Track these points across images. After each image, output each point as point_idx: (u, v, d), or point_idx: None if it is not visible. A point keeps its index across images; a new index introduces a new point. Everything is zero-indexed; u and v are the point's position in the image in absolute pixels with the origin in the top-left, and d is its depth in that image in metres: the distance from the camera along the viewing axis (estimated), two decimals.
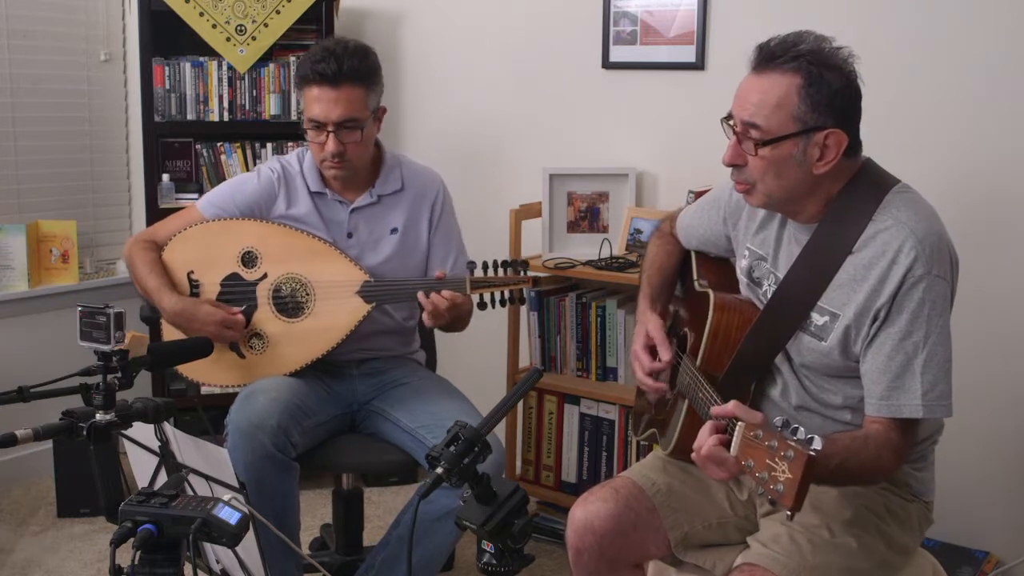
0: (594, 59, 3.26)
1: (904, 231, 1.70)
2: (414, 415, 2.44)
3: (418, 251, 2.60)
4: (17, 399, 1.72)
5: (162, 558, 1.34)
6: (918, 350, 1.68)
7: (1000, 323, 2.66)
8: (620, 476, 2.02)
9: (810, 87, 1.70)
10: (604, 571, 1.96)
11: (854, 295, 1.74)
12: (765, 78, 1.73)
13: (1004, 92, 2.62)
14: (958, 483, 2.59)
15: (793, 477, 1.40)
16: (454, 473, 1.51)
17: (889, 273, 1.70)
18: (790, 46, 1.73)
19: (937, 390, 1.69)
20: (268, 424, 2.28)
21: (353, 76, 2.38)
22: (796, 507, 1.41)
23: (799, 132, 1.71)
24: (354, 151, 2.44)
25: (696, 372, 1.88)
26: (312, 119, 2.41)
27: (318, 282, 2.47)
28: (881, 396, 1.70)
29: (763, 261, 1.93)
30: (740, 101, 1.77)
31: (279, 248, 2.48)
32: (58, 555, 3.10)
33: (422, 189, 2.61)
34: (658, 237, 2.28)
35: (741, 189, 1.82)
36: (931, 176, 2.06)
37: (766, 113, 1.71)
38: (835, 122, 1.71)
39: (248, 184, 2.57)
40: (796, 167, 1.73)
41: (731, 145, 1.79)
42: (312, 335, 2.47)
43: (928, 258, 1.68)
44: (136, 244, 2.54)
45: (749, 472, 1.48)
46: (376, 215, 2.57)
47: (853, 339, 1.75)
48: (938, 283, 1.69)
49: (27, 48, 3.62)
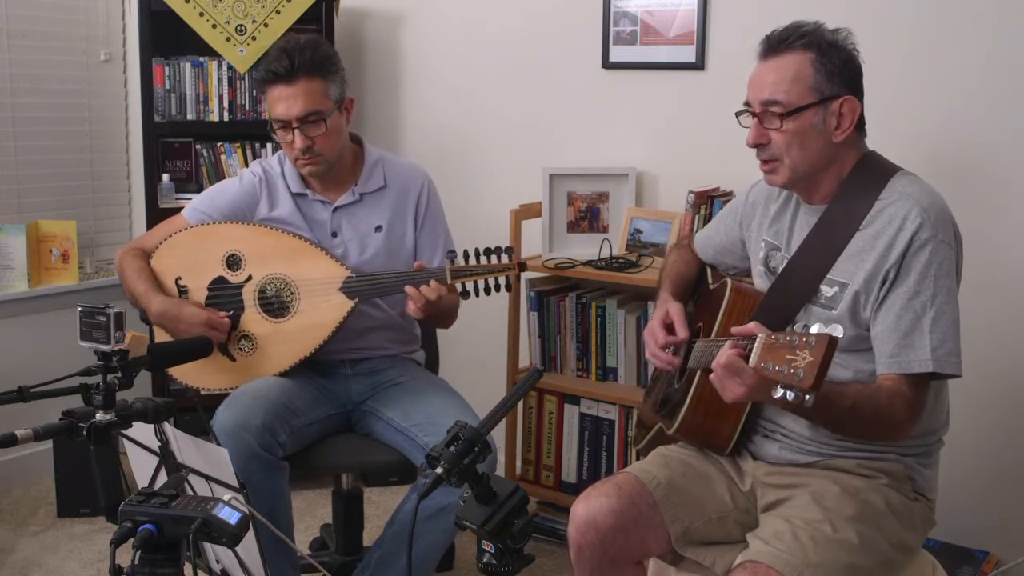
0: (594, 59, 3.26)
1: (909, 202, 1.80)
2: (407, 415, 2.44)
3: (404, 248, 2.60)
4: (17, 399, 1.72)
5: (162, 558, 1.33)
6: (926, 308, 1.75)
7: (1000, 322, 2.66)
8: (622, 472, 2.03)
9: (823, 58, 1.82)
10: (606, 568, 1.96)
11: (863, 264, 1.81)
12: (777, 60, 1.85)
13: (1000, 82, 2.62)
14: (959, 483, 2.59)
15: (814, 359, 1.45)
16: (454, 473, 1.51)
17: (896, 238, 1.78)
18: (795, 29, 1.85)
19: (946, 347, 1.75)
20: (253, 424, 2.29)
21: (306, 69, 2.40)
22: (816, 386, 1.45)
23: (818, 101, 1.82)
24: (323, 143, 2.45)
25: (711, 341, 1.94)
26: (276, 119, 2.44)
27: (301, 280, 2.47)
28: (891, 354, 1.76)
29: (777, 250, 2.00)
30: (756, 86, 1.87)
31: (261, 249, 2.49)
32: (58, 555, 3.10)
33: (405, 185, 2.62)
34: (677, 249, 2.39)
35: (767, 168, 1.90)
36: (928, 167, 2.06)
37: (785, 88, 1.82)
38: (848, 90, 1.84)
39: (230, 188, 2.60)
40: (818, 136, 1.84)
41: (753, 126, 1.88)
42: (299, 334, 2.47)
43: (933, 224, 1.77)
44: (126, 254, 2.57)
45: (768, 374, 1.51)
46: (359, 214, 2.57)
47: (863, 304, 1.81)
48: (943, 247, 1.77)
49: (27, 48, 3.62)
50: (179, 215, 2.61)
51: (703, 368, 1.91)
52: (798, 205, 1.98)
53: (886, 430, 1.78)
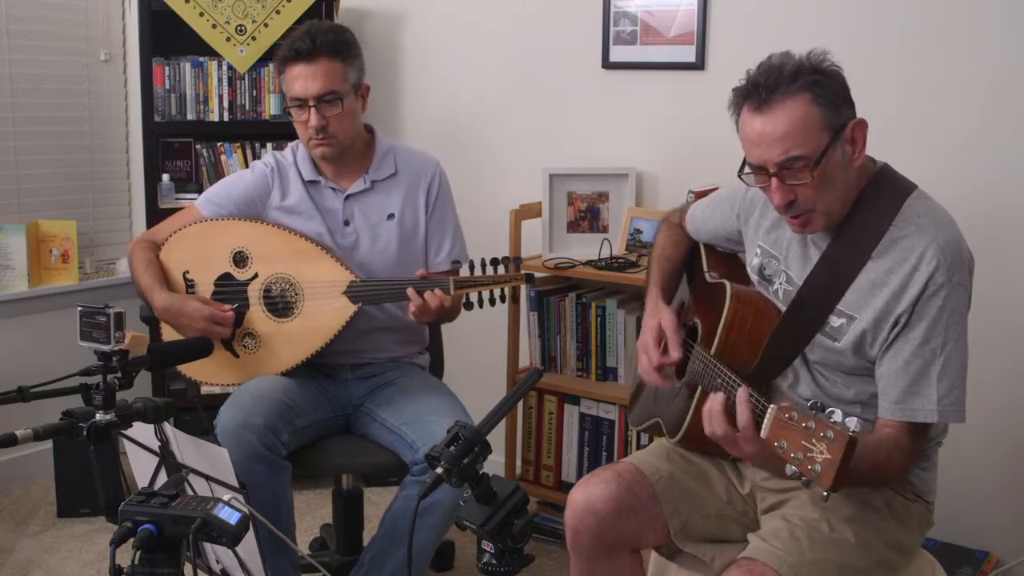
0: (594, 59, 3.26)
1: (926, 238, 1.72)
2: (399, 414, 2.44)
3: (417, 237, 2.59)
4: (17, 399, 1.72)
5: (162, 558, 1.33)
6: (936, 356, 1.70)
7: (1001, 322, 2.66)
8: (623, 461, 2.03)
9: (821, 93, 1.71)
10: (602, 554, 1.96)
11: (873, 299, 1.75)
12: (776, 112, 1.71)
13: (1005, 93, 2.62)
14: (958, 483, 2.59)
15: (833, 458, 1.41)
16: (454, 473, 1.51)
17: (911, 280, 1.71)
18: (778, 73, 1.72)
19: (952, 396, 1.71)
20: (255, 423, 2.28)
21: (328, 49, 2.42)
22: (835, 487, 1.42)
23: (834, 139, 1.72)
24: (337, 125, 2.45)
25: (711, 359, 1.88)
26: (293, 97, 2.44)
27: (306, 282, 2.47)
28: (896, 400, 1.72)
29: (775, 260, 1.94)
30: (765, 145, 1.72)
31: (269, 248, 2.49)
32: (58, 555, 3.10)
33: (417, 172, 2.61)
34: (667, 228, 2.28)
35: (799, 223, 1.79)
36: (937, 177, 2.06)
37: (801, 140, 1.70)
38: (851, 112, 1.76)
39: (243, 179, 2.59)
40: (842, 171, 1.75)
41: (776, 188, 1.74)
42: (302, 335, 2.47)
43: (949, 266, 1.70)
44: (137, 244, 2.57)
45: (782, 454, 1.48)
46: (371, 201, 2.56)
47: (869, 343, 1.76)
48: (958, 291, 1.71)
49: (27, 48, 3.62)
50: (191, 206, 2.59)
51: (704, 389, 1.88)
52: None
53: (884, 480, 1.77)
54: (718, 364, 1.84)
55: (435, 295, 2.36)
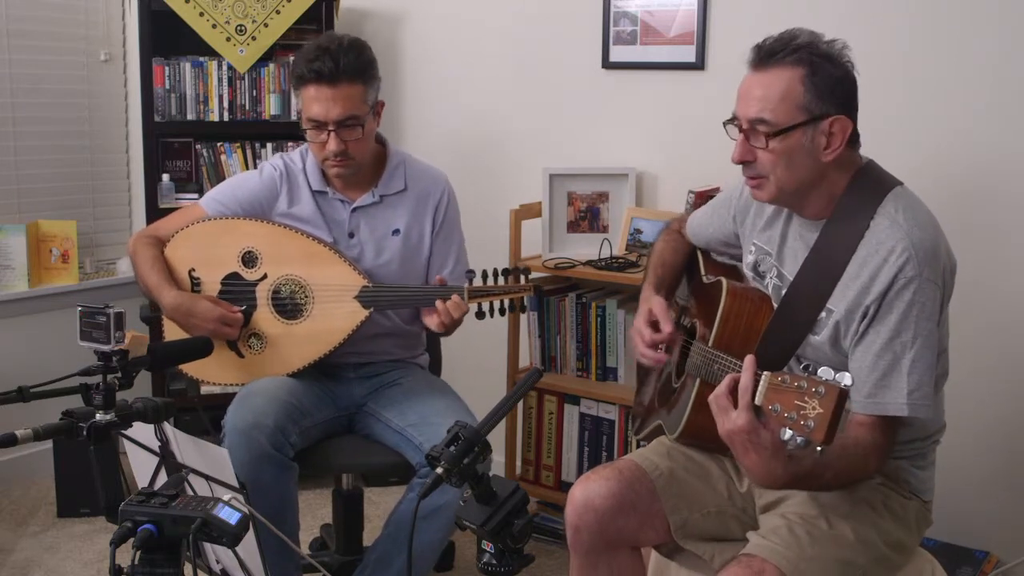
0: (594, 59, 3.26)
1: (899, 232, 1.74)
2: (404, 415, 2.44)
3: (420, 254, 2.59)
4: (17, 399, 1.72)
5: (162, 558, 1.34)
6: (906, 350, 1.72)
7: (1000, 322, 2.66)
8: (624, 458, 2.04)
9: (813, 76, 1.74)
10: (602, 551, 1.97)
11: (847, 291, 1.78)
12: (767, 74, 1.77)
13: (1000, 88, 2.62)
14: (958, 483, 2.59)
15: (824, 411, 1.42)
16: (454, 473, 1.51)
17: (880, 272, 1.73)
18: (788, 41, 1.77)
19: (922, 390, 1.72)
20: (265, 424, 2.28)
21: (350, 73, 2.35)
22: (828, 440, 1.43)
23: (806, 121, 1.75)
24: (356, 148, 2.43)
25: (709, 349, 1.90)
26: (311, 119, 2.39)
27: (317, 285, 2.46)
28: (868, 394, 1.73)
29: (768, 256, 1.97)
30: (744, 99, 1.80)
31: (279, 250, 2.47)
32: (58, 555, 3.10)
33: (426, 190, 2.59)
34: (666, 234, 2.31)
35: (753, 184, 1.85)
36: (925, 172, 2.07)
37: (772, 107, 1.75)
38: (838, 109, 1.76)
39: (250, 181, 2.57)
40: (806, 156, 1.77)
41: (739, 143, 1.82)
42: (310, 338, 2.46)
43: (920, 261, 1.71)
44: (140, 240, 2.53)
45: (776, 417, 1.49)
46: (378, 215, 2.55)
47: (843, 334, 1.79)
48: (928, 286, 1.72)
49: (27, 48, 3.62)
50: (196, 205, 2.57)
51: (703, 380, 1.90)
52: (791, 215, 1.93)
53: (860, 477, 1.77)
54: (717, 352, 1.86)
55: (455, 304, 2.36)
